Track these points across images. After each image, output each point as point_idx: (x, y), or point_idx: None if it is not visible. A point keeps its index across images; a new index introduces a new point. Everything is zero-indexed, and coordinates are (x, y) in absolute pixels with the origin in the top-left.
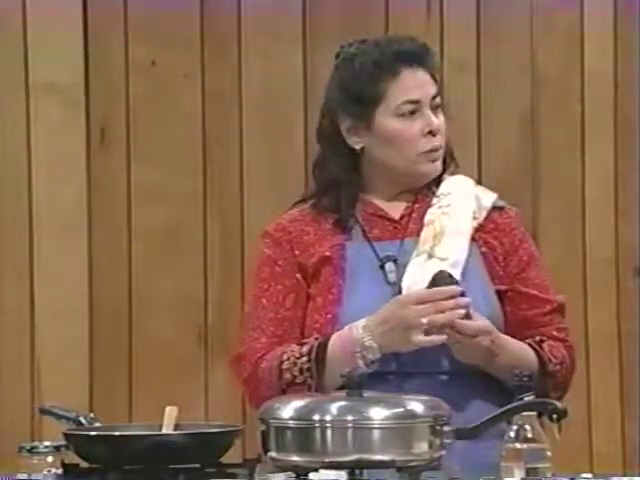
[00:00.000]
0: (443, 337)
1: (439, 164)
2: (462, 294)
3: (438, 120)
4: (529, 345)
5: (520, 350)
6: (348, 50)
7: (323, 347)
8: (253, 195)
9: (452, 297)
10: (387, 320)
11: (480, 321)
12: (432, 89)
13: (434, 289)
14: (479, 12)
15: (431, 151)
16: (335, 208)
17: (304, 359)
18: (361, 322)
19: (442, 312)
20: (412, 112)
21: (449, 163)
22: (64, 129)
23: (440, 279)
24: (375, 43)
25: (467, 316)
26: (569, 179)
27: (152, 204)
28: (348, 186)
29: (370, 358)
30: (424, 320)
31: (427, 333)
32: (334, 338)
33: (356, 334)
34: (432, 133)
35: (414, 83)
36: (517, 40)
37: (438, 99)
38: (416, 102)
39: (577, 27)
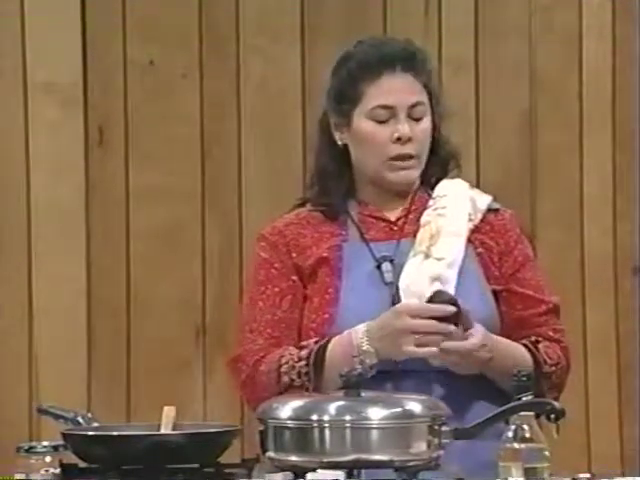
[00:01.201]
0: (433, 349)
1: (412, 173)
2: (458, 313)
3: (415, 128)
4: (524, 346)
5: (515, 352)
6: (347, 49)
7: (322, 351)
8: (251, 195)
9: (446, 318)
10: (384, 327)
11: (474, 338)
12: (413, 97)
13: (430, 305)
14: (477, 12)
15: (399, 159)
16: (327, 201)
17: (302, 363)
18: (361, 327)
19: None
20: (387, 117)
21: (452, 168)
22: (62, 129)
23: (437, 296)
24: (368, 45)
25: (465, 327)
26: (567, 179)
27: (150, 204)
28: (338, 179)
29: (368, 363)
30: (415, 337)
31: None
32: (334, 342)
33: (355, 338)
34: (400, 140)
35: (392, 88)
36: (515, 40)
37: (421, 107)
38: (390, 108)
39: (575, 27)
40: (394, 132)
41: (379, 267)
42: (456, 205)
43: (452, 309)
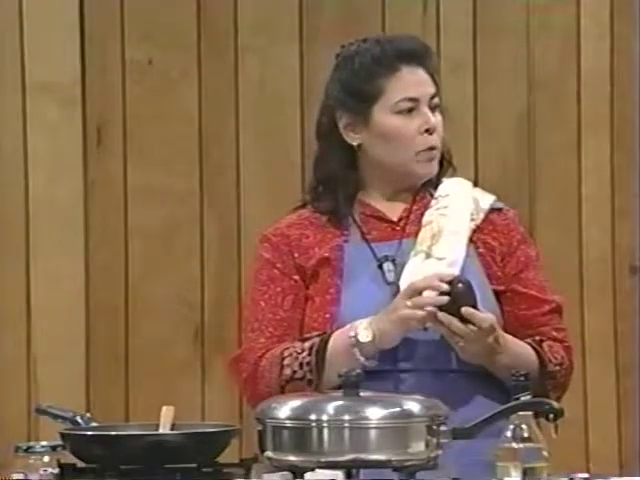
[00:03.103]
0: (424, 313)
1: (435, 164)
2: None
3: (436, 119)
4: (529, 345)
5: (522, 349)
6: (349, 49)
7: (325, 342)
8: (250, 195)
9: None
10: (382, 313)
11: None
12: (431, 88)
13: (422, 278)
14: (475, 11)
15: (428, 149)
16: (332, 205)
17: (305, 354)
18: (363, 320)
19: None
20: (410, 110)
21: (447, 167)
22: (61, 129)
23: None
24: (376, 41)
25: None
26: (565, 179)
27: (148, 204)
28: (345, 183)
29: (367, 345)
30: (408, 303)
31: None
32: (336, 334)
33: (358, 325)
34: (429, 131)
35: (413, 81)
36: (513, 39)
37: (436, 99)
38: (415, 100)
39: (574, 26)
40: (422, 124)
41: (381, 267)
42: (458, 205)
43: (444, 274)
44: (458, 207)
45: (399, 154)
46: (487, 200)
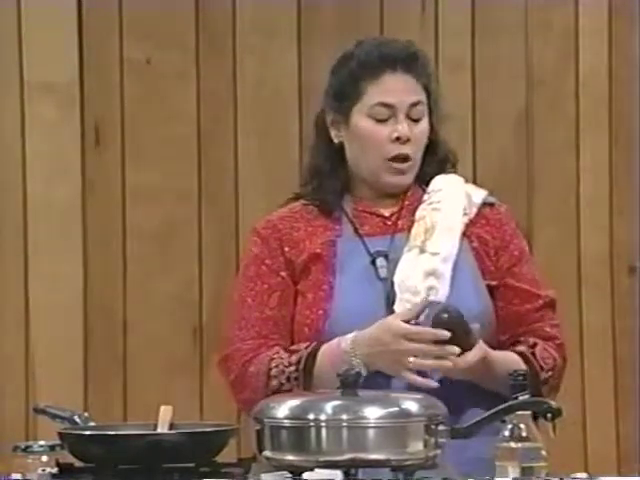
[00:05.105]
0: (433, 385)
1: (407, 178)
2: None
3: (414, 129)
4: (521, 354)
5: (511, 366)
6: (348, 48)
7: (312, 358)
8: (248, 195)
9: (441, 340)
10: (375, 343)
11: (473, 352)
12: (413, 97)
13: (424, 329)
14: (474, 11)
15: (397, 159)
16: (321, 197)
17: (292, 368)
18: (350, 336)
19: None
20: (386, 116)
21: (448, 169)
22: (59, 129)
23: (443, 311)
24: (371, 43)
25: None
26: (564, 178)
27: (147, 204)
28: (332, 178)
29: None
30: (411, 359)
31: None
32: (323, 349)
33: (345, 348)
34: (400, 140)
35: (393, 87)
36: (512, 39)
37: (420, 107)
38: (390, 106)
39: (572, 26)
40: (393, 131)
41: (374, 262)
42: (451, 199)
43: (448, 334)
44: (451, 202)
45: (369, 159)
46: (479, 195)
